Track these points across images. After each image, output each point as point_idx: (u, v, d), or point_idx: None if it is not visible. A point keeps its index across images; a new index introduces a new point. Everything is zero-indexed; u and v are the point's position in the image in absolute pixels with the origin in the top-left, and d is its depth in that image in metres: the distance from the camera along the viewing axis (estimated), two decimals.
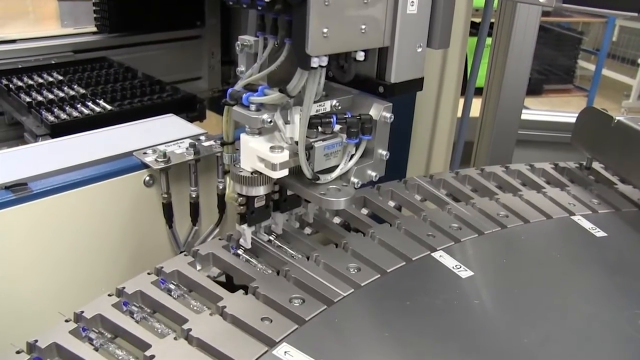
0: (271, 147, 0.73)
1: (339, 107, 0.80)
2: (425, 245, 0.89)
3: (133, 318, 0.72)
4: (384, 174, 0.85)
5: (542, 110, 3.19)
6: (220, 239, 0.88)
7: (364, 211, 1.03)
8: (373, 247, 0.87)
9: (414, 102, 1.73)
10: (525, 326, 0.75)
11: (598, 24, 4.95)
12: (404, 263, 0.84)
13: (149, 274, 0.79)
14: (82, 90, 1.55)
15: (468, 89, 1.89)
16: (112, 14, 1.93)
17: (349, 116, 0.77)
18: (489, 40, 2.21)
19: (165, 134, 1.13)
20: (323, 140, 0.77)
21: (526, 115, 2.61)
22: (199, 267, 0.84)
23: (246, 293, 0.76)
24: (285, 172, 0.74)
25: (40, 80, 1.60)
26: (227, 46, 2.15)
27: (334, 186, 0.78)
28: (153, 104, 1.54)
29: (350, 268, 0.81)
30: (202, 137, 1.11)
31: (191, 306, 0.74)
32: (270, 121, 0.72)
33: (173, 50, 2.06)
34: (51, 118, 1.38)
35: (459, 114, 1.90)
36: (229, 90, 0.75)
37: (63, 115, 1.40)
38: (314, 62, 0.67)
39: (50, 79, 1.61)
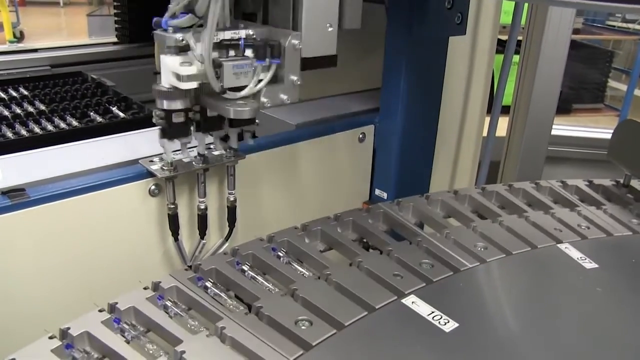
0: (181, 62, 0.83)
1: (254, 36, 0.87)
2: (552, 237, 0.92)
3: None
4: (297, 99, 0.92)
5: (572, 126, 3.09)
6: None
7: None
8: (500, 232, 0.92)
9: (437, 119, 1.67)
10: None
11: (629, 42, 4.82)
12: (529, 249, 0.89)
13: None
14: (42, 107, 1.39)
15: (494, 107, 1.83)
16: (132, 24, 1.92)
17: (258, 40, 0.86)
18: (516, 58, 2.15)
19: (174, 142, 1.08)
20: (233, 60, 0.84)
21: (555, 130, 2.52)
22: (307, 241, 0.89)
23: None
24: (193, 85, 0.83)
25: (2, 95, 1.46)
26: None
27: (242, 101, 0.87)
28: (108, 124, 1.33)
29: (478, 246, 0.87)
30: (213, 146, 1.06)
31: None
32: (183, 39, 0.82)
33: None
34: None
35: (485, 133, 1.84)
36: (154, 19, 0.84)
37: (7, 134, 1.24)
38: None
39: (14, 94, 1.48)
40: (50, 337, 0.64)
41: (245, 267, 0.79)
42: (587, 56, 4.11)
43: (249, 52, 0.86)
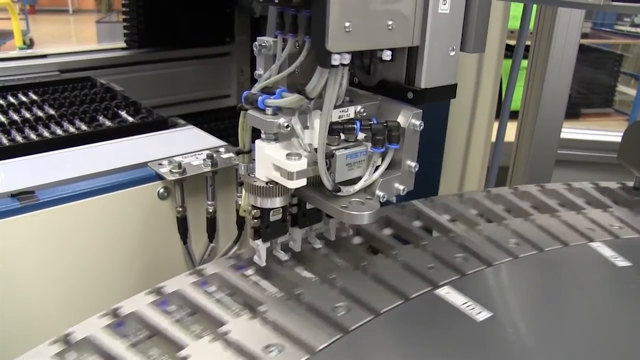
0: (288, 154, 0.67)
1: (364, 114, 0.74)
2: (584, 236, 0.93)
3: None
4: (413, 188, 0.79)
5: (581, 129, 3.07)
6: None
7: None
8: (532, 229, 0.93)
9: (445, 124, 1.67)
10: None
11: (638, 46, 4.80)
12: (561, 246, 0.90)
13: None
14: (51, 112, 1.36)
15: (503, 112, 1.82)
16: (141, 29, 1.93)
17: (375, 123, 0.71)
18: (524, 63, 2.14)
19: (183, 145, 1.08)
20: (345, 148, 0.71)
21: (563, 133, 2.51)
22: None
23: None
24: (302, 182, 0.67)
25: (12, 100, 1.43)
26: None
27: (357, 199, 0.71)
28: (117, 128, 1.26)
29: (510, 242, 0.88)
30: (222, 149, 1.06)
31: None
32: (287, 126, 0.66)
33: (201, 67, 2.04)
34: None
35: (493, 138, 1.83)
36: (245, 93, 0.69)
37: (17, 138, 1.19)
38: (335, 60, 0.61)
39: (24, 99, 1.45)
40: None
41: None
42: (595, 60, 4.09)
43: (359, 135, 0.72)
